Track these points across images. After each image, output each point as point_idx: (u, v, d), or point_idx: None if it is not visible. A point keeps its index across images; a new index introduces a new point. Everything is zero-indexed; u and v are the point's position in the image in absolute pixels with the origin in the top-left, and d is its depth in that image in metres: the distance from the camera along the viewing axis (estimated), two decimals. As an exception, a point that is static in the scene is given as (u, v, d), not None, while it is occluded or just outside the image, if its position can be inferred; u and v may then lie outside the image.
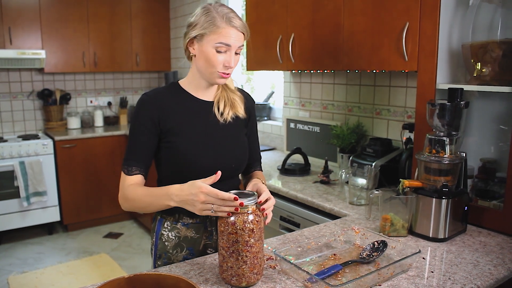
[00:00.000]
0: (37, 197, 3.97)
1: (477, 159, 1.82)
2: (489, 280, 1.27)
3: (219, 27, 1.29)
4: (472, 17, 1.70)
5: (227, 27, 1.29)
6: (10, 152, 3.86)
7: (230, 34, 1.29)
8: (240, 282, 1.18)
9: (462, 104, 1.56)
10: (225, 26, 1.29)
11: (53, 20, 4.18)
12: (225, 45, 1.30)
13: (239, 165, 1.49)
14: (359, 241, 1.49)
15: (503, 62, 1.61)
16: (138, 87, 5.16)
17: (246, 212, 1.15)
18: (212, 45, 1.30)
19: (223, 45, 1.30)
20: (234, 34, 1.30)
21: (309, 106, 3.07)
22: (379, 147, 2.25)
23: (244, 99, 1.52)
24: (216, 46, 1.30)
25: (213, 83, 1.40)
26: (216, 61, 1.31)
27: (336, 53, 2.24)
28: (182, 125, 1.39)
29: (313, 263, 1.35)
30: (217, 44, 1.29)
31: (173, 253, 1.47)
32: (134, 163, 1.37)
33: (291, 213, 2.24)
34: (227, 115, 1.43)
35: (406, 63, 1.88)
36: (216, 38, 1.29)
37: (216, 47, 1.30)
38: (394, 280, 1.25)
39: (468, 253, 1.45)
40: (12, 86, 4.37)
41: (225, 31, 1.29)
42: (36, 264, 3.62)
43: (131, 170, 1.37)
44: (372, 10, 2.02)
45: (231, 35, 1.29)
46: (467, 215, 1.63)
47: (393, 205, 1.60)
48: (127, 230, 4.39)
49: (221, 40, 1.29)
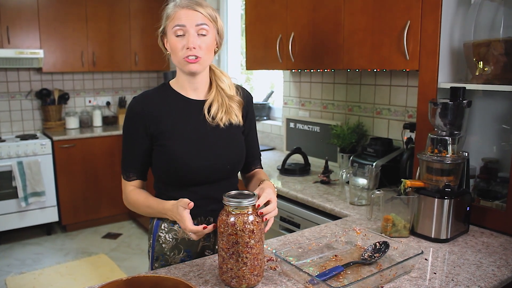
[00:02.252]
0: (36, 197, 3.95)
1: (478, 159, 1.80)
2: (493, 281, 1.25)
3: (170, 14, 1.34)
4: (474, 15, 1.68)
5: (177, 9, 1.33)
6: (8, 152, 3.84)
7: (181, 14, 1.32)
8: (240, 284, 1.16)
9: (465, 103, 1.54)
10: (175, 10, 1.33)
11: (52, 19, 4.16)
12: (180, 26, 1.31)
13: (234, 166, 1.46)
14: (360, 242, 1.47)
15: (506, 61, 1.59)
16: (137, 86, 5.14)
17: (247, 213, 1.13)
18: (172, 33, 1.33)
19: (178, 27, 1.32)
20: (185, 13, 1.32)
21: (309, 105, 3.05)
22: (379, 147, 2.23)
23: (242, 99, 1.48)
24: (174, 31, 1.32)
25: (188, 73, 1.37)
26: (177, 46, 1.33)
27: (336, 52, 2.23)
28: (173, 127, 1.37)
29: (314, 264, 1.33)
30: (174, 29, 1.32)
31: (170, 255, 1.45)
32: (131, 169, 1.42)
33: (291, 213, 2.22)
34: (219, 120, 1.40)
35: (407, 62, 1.87)
36: (172, 24, 1.33)
37: (174, 32, 1.32)
38: (397, 282, 1.23)
39: (471, 254, 1.43)
40: (10, 85, 4.35)
41: (176, 14, 1.32)
42: (35, 264, 3.60)
43: (129, 176, 1.43)
44: (373, 9, 2.00)
45: (181, 16, 1.32)
46: (469, 216, 1.61)
47: (394, 206, 1.58)
48: (126, 231, 4.38)
49: (175, 22, 1.32)
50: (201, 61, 1.34)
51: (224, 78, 1.45)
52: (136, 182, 1.43)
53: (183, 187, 1.40)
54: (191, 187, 1.40)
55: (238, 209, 1.13)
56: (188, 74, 1.37)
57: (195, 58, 1.32)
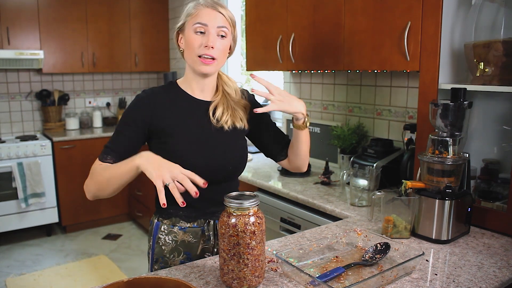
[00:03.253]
0: (35, 198, 3.95)
1: (479, 160, 1.80)
2: (494, 282, 1.25)
3: (193, 12, 1.34)
4: (474, 16, 1.68)
5: (202, 8, 1.33)
6: (8, 153, 3.84)
7: (204, 13, 1.32)
8: (241, 285, 1.16)
9: (466, 104, 1.54)
10: (200, 8, 1.33)
11: (52, 20, 4.16)
12: (202, 25, 1.31)
13: (236, 168, 1.46)
14: (361, 243, 1.47)
15: (506, 62, 1.59)
16: (137, 87, 5.14)
17: (248, 214, 1.13)
18: (191, 30, 1.33)
19: (200, 24, 1.32)
20: (208, 12, 1.32)
21: (309, 106, 3.05)
22: (380, 147, 2.23)
23: (247, 104, 1.49)
24: (194, 28, 1.32)
25: (199, 73, 1.36)
26: (195, 43, 1.32)
27: (337, 53, 2.23)
28: (177, 125, 1.37)
29: (315, 266, 1.33)
30: (195, 26, 1.32)
31: (170, 257, 1.45)
32: (112, 153, 1.33)
33: (292, 214, 2.22)
34: (224, 123, 1.40)
35: (408, 63, 1.87)
36: (193, 21, 1.33)
37: (194, 29, 1.32)
38: (398, 283, 1.23)
39: (472, 255, 1.43)
40: (10, 86, 4.35)
41: (200, 12, 1.32)
42: (34, 266, 3.60)
43: (105, 158, 1.33)
44: (373, 10, 2.00)
45: (204, 14, 1.32)
46: (470, 217, 1.61)
47: (395, 207, 1.58)
48: (126, 232, 4.37)
49: (197, 20, 1.32)
50: (215, 63, 1.34)
51: (231, 83, 1.46)
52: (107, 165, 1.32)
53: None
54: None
55: (239, 210, 1.12)
56: (199, 74, 1.37)
57: (211, 59, 1.32)
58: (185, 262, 1.43)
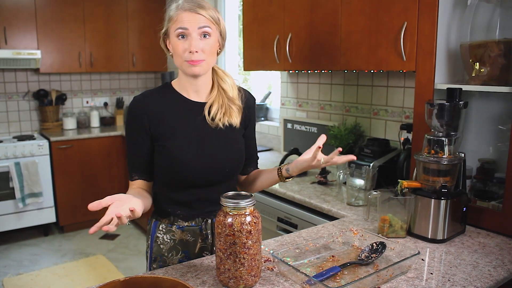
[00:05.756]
0: (33, 198, 3.94)
1: (475, 160, 1.81)
2: (489, 281, 1.25)
3: (173, 16, 1.33)
4: (470, 16, 1.69)
5: (179, 12, 1.32)
6: (5, 153, 3.83)
7: (183, 17, 1.31)
8: (238, 285, 1.16)
9: (461, 104, 1.55)
10: (178, 12, 1.32)
11: (49, 20, 4.15)
12: (183, 29, 1.30)
13: (233, 168, 1.46)
14: (357, 242, 1.47)
15: (502, 62, 1.60)
16: (134, 87, 5.14)
17: (244, 213, 1.13)
18: (174, 36, 1.33)
19: (181, 29, 1.31)
20: (187, 16, 1.30)
21: (306, 106, 3.05)
22: (376, 147, 2.24)
23: (244, 102, 1.47)
24: (176, 33, 1.32)
25: (190, 75, 1.36)
26: (179, 49, 1.32)
27: (334, 53, 2.23)
28: (173, 128, 1.37)
29: (311, 265, 1.34)
30: (176, 31, 1.31)
31: (168, 256, 1.45)
32: (134, 170, 1.43)
33: (289, 214, 2.22)
34: (218, 121, 1.40)
35: (404, 63, 1.87)
36: (175, 26, 1.32)
37: (176, 34, 1.32)
38: (393, 282, 1.24)
39: (467, 254, 1.44)
40: (7, 86, 4.34)
41: (179, 16, 1.31)
42: (32, 266, 3.59)
43: (132, 176, 1.44)
44: (370, 10, 2.01)
45: (183, 18, 1.31)
46: (466, 216, 1.62)
47: (391, 206, 1.59)
48: (124, 231, 4.37)
49: (178, 25, 1.31)
50: (203, 63, 1.33)
51: (227, 79, 1.44)
52: (138, 182, 1.42)
53: (182, 188, 1.41)
54: (189, 189, 1.41)
55: (236, 210, 1.13)
56: (190, 76, 1.37)
57: (198, 60, 1.32)
58: (183, 260, 1.44)
